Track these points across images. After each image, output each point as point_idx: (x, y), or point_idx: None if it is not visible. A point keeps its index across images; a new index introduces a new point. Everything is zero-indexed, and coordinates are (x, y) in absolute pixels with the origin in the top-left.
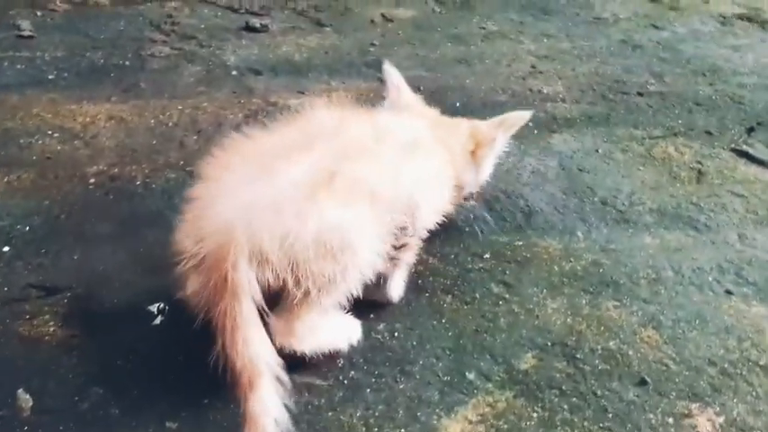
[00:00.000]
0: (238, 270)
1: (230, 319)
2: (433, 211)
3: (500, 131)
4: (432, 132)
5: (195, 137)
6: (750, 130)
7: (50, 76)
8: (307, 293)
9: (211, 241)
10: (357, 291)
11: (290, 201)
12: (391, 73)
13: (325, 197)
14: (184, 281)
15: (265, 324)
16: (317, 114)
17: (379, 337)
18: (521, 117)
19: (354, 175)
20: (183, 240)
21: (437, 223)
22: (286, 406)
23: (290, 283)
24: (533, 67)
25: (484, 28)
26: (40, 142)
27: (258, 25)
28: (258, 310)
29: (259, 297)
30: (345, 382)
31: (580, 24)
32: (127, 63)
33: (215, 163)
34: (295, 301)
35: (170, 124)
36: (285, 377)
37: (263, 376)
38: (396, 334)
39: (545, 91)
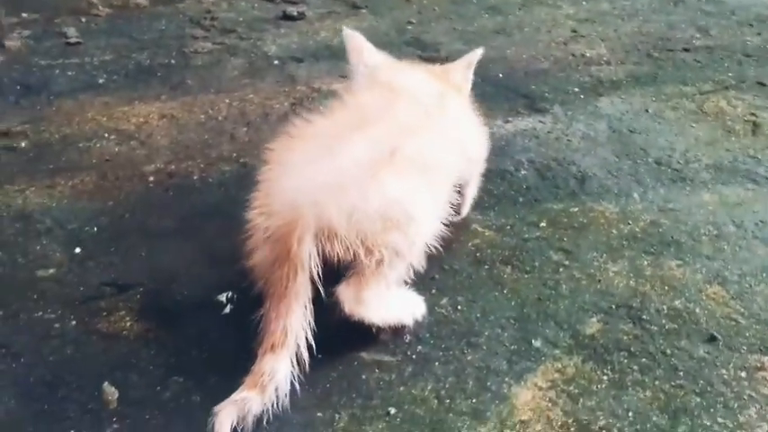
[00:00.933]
0: (302, 245)
1: (281, 287)
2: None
3: (469, 72)
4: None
5: (245, 128)
6: None
7: (101, 80)
8: (379, 263)
9: (279, 217)
10: (421, 263)
11: (353, 178)
12: (350, 36)
13: (386, 173)
14: (251, 252)
15: (320, 301)
16: (365, 96)
17: (443, 311)
18: (477, 54)
19: (411, 149)
20: (253, 216)
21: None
22: (292, 384)
23: (362, 254)
24: (574, 31)
25: None
26: (98, 145)
27: (295, 13)
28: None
29: (314, 276)
30: (414, 357)
31: None
32: (172, 61)
33: (279, 147)
34: (365, 272)
35: (219, 118)
36: (306, 359)
37: (286, 348)
38: (459, 307)
39: (588, 54)
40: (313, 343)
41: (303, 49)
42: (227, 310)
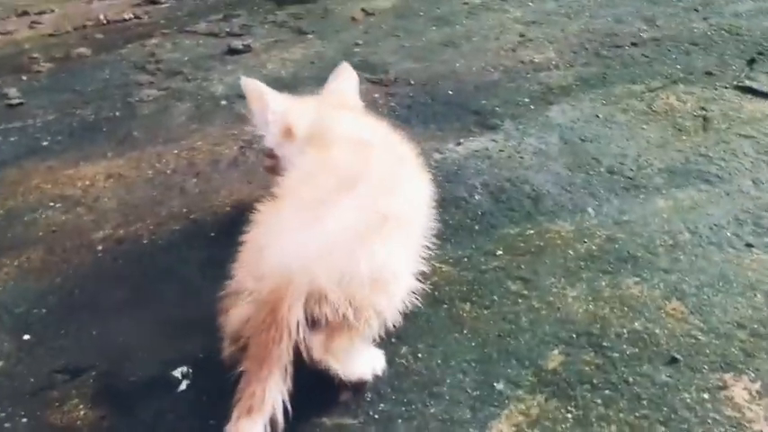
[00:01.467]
0: (292, 311)
1: (265, 350)
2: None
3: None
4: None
5: (194, 180)
6: (751, 62)
7: (44, 143)
8: (365, 323)
9: (269, 281)
10: (397, 321)
11: (343, 244)
12: (249, 85)
13: (375, 237)
14: (229, 311)
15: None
16: (337, 154)
17: (403, 361)
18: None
19: (395, 208)
20: (240, 278)
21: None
22: None
23: (351, 315)
24: (522, 35)
25: (467, 3)
26: (43, 216)
27: (241, 46)
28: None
29: (300, 342)
30: (376, 416)
31: None
32: (117, 114)
33: (264, 209)
34: (337, 324)
35: (168, 171)
36: (281, 424)
37: (263, 413)
38: (419, 355)
39: (537, 60)
40: (289, 408)
41: None
42: (183, 386)
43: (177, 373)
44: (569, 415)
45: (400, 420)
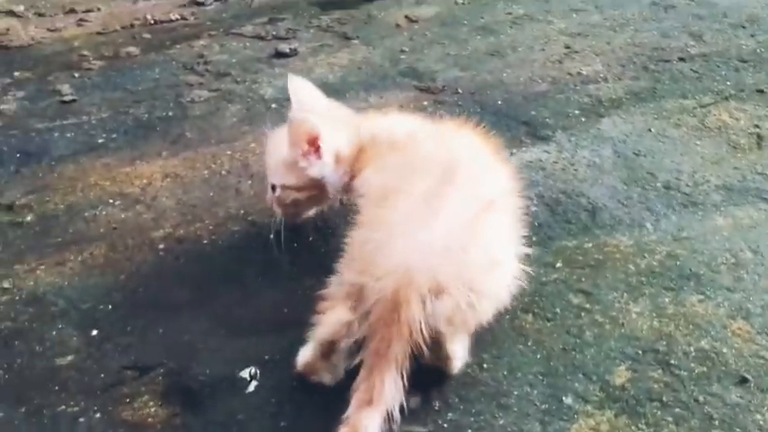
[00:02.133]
0: (416, 309)
1: (389, 346)
2: None
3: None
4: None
5: (249, 181)
6: None
7: (100, 140)
8: (479, 311)
9: (391, 279)
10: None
11: (458, 236)
12: (293, 83)
13: (485, 225)
14: (328, 308)
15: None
16: (423, 146)
17: (469, 371)
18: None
19: (495, 192)
20: (351, 277)
21: None
22: None
23: (472, 305)
24: (568, 47)
25: (510, 13)
26: (104, 213)
27: (288, 50)
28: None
29: (419, 339)
30: (445, 425)
31: None
32: (170, 113)
33: (366, 208)
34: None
35: (223, 172)
36: (398, 419)
37: (381, 406)
38: (485, 365)
39: (584, 72)
40: (405, 404)
41: None
42: (252, 387)
43: (245, 374)
44: (640, 431)
45: (470, 431)
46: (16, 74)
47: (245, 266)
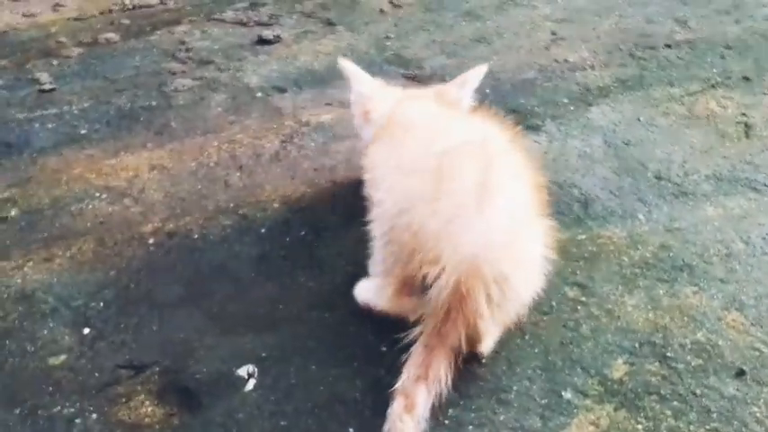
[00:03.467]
0: (480, 298)
1: (449, 330)
2: None
3: (464, 92)
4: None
5: (238, 173)
6: None
7: (82, 131)
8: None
9: (455, 268)
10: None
11: (513, 224)
12: (344, 66)
13: (530, 212)
14: (388, 286)
15: None
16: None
17: (468, 366)
18: (479, 72)
19: (528, 178)
20: (416, 265)
21: None
22: None
23: (525, 292)
24: (554, 33)
25: None
26: (90, 207)
27: (271, 36)
28: None
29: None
30: (446, 422)
31: None
32: (153, 103)
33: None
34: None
35: (211, 164)
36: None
37: (430, 383)
38: (483, 360)
39: (571, 59)
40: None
41: (284, 76)
42: (250, 386)
43: (243, 372)
44: (640, 426)
45: (471, 427)
46: None
47: (237, 261)
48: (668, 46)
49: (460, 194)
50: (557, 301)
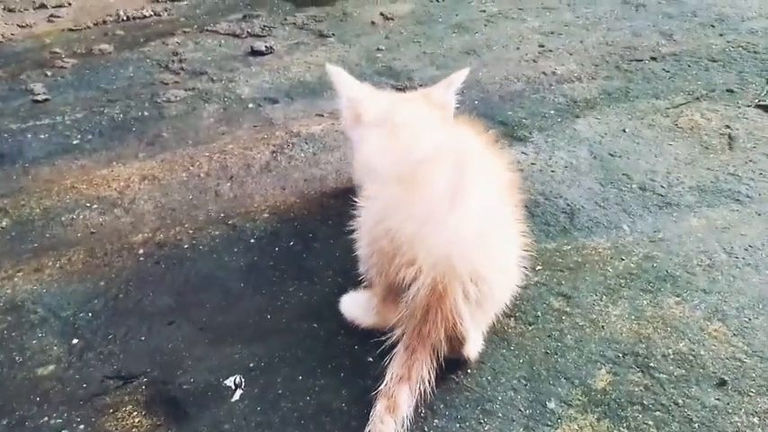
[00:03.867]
0: (457, 297)
1: (428, 330)
2: None
3: (449, 94)
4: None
5: (228, 184)
6: None
7: (75, 141)
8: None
9: (431, 268)
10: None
11: (488, 222)
12: (332, 72)
13: (505, 211)
14: (374, 297)
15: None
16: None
17: (454, 377)
18: (462, 74)
19: (504, 179)
20: (399, 268)
21: None
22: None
23: (501, 291)
24: (542, 45)
25: (484, 11)
26: (81, 217)
27: (263, 48)
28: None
29: (459, 327)
30: None
31: None
32: (145, 113)
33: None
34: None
35: (201, 175)
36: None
37: (413, 383)
38: (469, 371)
39: (559, 72)
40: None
41: (276, 87)
42: (237, 396)
43: (230, 382)
44: None
45: None
46: None
47: (226, 271)
48: (654, 59)
49: (434, 198)
50: (542, 311)
